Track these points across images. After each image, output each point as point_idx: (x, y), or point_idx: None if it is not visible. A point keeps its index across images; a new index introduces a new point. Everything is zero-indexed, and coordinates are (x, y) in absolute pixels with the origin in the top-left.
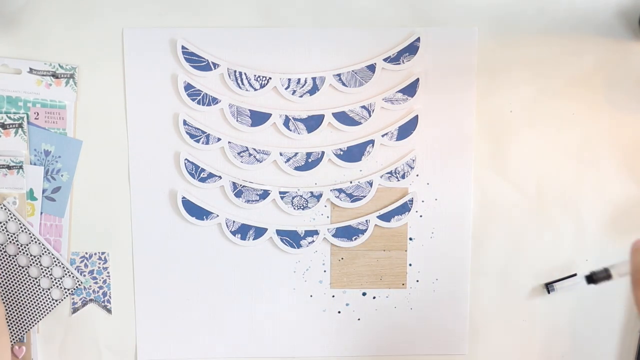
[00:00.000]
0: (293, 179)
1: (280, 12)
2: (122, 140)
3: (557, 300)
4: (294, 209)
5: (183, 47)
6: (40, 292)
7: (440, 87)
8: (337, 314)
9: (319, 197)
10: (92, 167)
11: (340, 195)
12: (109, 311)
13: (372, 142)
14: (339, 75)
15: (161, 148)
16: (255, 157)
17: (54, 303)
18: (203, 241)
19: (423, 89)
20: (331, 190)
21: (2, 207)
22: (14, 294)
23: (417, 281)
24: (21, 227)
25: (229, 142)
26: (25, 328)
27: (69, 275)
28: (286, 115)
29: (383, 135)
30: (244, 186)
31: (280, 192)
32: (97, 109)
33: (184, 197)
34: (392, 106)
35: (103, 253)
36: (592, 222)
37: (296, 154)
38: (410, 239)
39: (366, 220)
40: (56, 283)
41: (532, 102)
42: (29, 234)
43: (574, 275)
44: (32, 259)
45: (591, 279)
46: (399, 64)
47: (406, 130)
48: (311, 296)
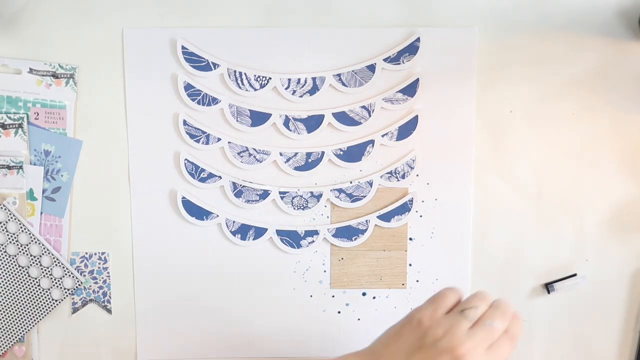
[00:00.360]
0: (293, 179)
1: (280, 12)
2: (122, 140)
3: (557, 300)
4: (294, 209)
5: (183, 47)
6: (40, 292)
7: (440, 87)
8: (337, 314)
9: (319, 197)
10: (92, 167)
11: (340, 195)
12: (109, 311)
13: (372, 142)
14: (339, 75)
15: (161, 148)
16: (255, 157)
17: (54, 303)
18: (203, 241)
19: (423, 89)
20: (331, 190)
21: (2, 207)
22: (14, 294)
23: (417, 281)
24: (21, 227)
25: (229, 142)
26: (25, 328)
27: (69, 276)
28: (286, 115)
29: (383, 135)
30: (244, 186)
31: (280, 192)
32: (97, 109)
33: (184, 197)
34: (392, 106)
35: (103, 253)
36: (592, 222)
37: (296, 154)
38: (410, 239)
39: (366, 220)
40: (56, 283)
41: (532, 102)
42: (29, 234)
43: (574, 275)
44: (32, 259)
45: None
46: (399, 64)
47: (406, 130)
48: (311, 296)
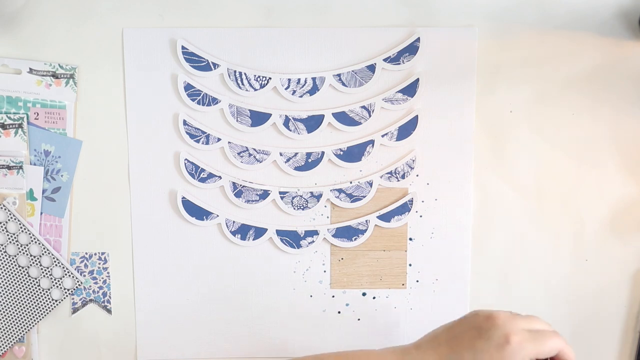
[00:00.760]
0: (293, 179)
1: (280, 12)
2: (122, 140)
3: (557, 300)
4: (294, 209)
5: (183, 47)
6: (40, 292)
7: (440, 87)
8: (337, 314)
9: (319, 197)
10: (92, 167)
11: (340, 196)
12: (109, 311)
13: (372, 142)
14: (339, 75)
15: (161, 148)
16: (255, 157)
17: (54, 303)
18: (203, 241)
19: (423, 89)
20: (331, 190)
21: (2, 207)
22: (14, 294)
23: (417, 281)
24: (21, 227)
25: (229, 142)
26: (25, 328)
27: (69, 276)
28: (286, 115)
29: (383, 136)
30: (244, 186)
31: (280, 192)
32: (97, 109)
33: (184, 197)
34: (392, 106)
35: (103, 253)
36: (592, 222)
37: (296, 154)
38: (410, 239)
39: (366, 221)
40: (56, 283)
41: (532, 102)
42: (29, 234)
43: None
44: (32, 259)
45: None
46: (399, 64)
47: (406, 130)
48: (311, 296)
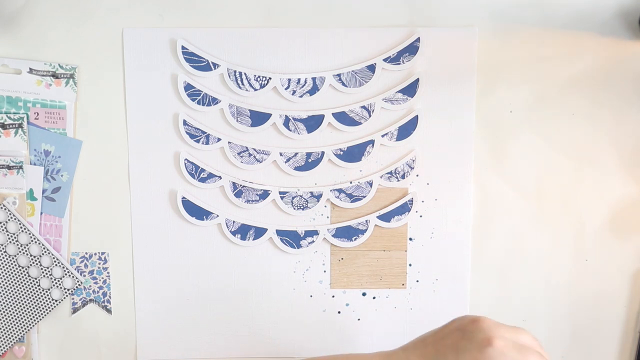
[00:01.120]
0: (293, 179)
1: (280, 12)
2: (122, 140)
3: (557, 300)
4: (294, 209)
5: (183, 47)
6: (40, 292)
7: (440, 87)
8: (337, 314)
9: (319, 197)
10: (92, 167)
11: (340, 196)
12: (109, 311)
13: (372, 142)
14: (339, 75)
15: (161, 148)
16: (255, 157)
17: (54, 303)
18: (203, 241)
19: (423, 89)
20: (331, 190)
21: (2, 207)
22: (14, 294)
23: (417, 281)
24: (21, 227)
25: (229, 142)
26: (25, 328)
27: (69, 276)
28: (286, 115)
29: (383, 136)
30: (244, 186)
31: (280, 192)
32: (97, 109)
33: (184, 197)
34: (392, 106)
35: (103, 253)
36: (592, 222)
37: (296, 154)
38: (410, 239)
39: (366, 221)
40: (56, 283)
41: (532, 102)
42: (29, 234)
43: None
44: (32, 259)
45: None
46: (399, 64)
47: (406, 130)
48: (311, 296)
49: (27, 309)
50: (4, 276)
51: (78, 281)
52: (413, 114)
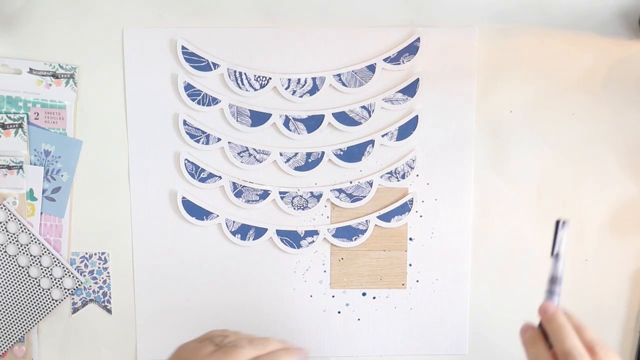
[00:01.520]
0: (293, 179)
1: (280, 12)
2: (122, 140)
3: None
4: (294, 209)
5: (183, 47)
6: (40, 292)
7: (440, 87)
8: (337, 314)
9: (319, 197)
10: (92, 167)
11: (340, 196)
12: (109, 311)
13: (372, 142)
14: (339, 75)
15: (161, 148)
16: (255, 157)
17: (54, 303)
18: (203, 241)
19: (423, 89)
20: (331, 190)
21: (2, 207)
22: (14, 294)
23: (417, 281)
24: (21, 227)
25: (229, 142)
26: (25, 328)
27: (69, 276)
28: (286, 116)
29: (383, 135)
30: (244, 186)
31: (280, 192)
32: (97, 109)
33: (184, 197)
34: (392, 106)
35: (103, 253)
36: (592, 222)
37: (296, 154)
38: (410, 239)
39: (366, 221)
40: (56, 283)
41: (532, 102)
42: (29, 234)
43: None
44: (32, 259)
45: None
46: (399, 64)
47: (406, 130)
48: (311, 296)
49: (27, 309)
50: (4, 276)
51: (78, 281)
52: (413, 114)
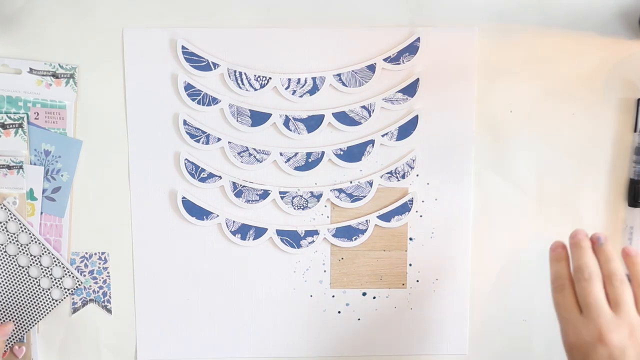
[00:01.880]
0: (293, 179)
1: (280, 12)
2: (122, 140)
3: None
4: (294, 209)
5: (183, 47)
6: (40, 292)
7: (440, 87)
8: (337, 314)
9: (319, 197)
10: (92, 167)
11: (340, 195)
12: (109, 311)
13: (372, 142)
14: (339, 75)
15: (161, 148)
16: (255, 157)
17: (54, 303)
18: (203, 241)
19: (423, 89)
20: (331, 190)
21: (2, 207)
22: (14, 294)
23: (417, 281)
24: (21, 227)
25: (229, 142)
26: (25, 328)
27: (69, 275)
28: (286, 115)
29: (383, 135)
30: (244, 186)
31: (280, 192)
32: (97, 109)
33: (184, 197)
34: (392, 106)
35: (103, 253)
36: (592, 222)
37: (296, 154)
38: (410, 239)
39: (366, 220)
40: (56, 283)
41: (532, 102)
42: (29, 234)
43: None
44: (32, 259)
45: None
46: (399, 64)
47: (406, 130)
48: (311, 296)
49: (27, 309)
50: (4, 276)
51: (78, 281)
52: (413, 114)
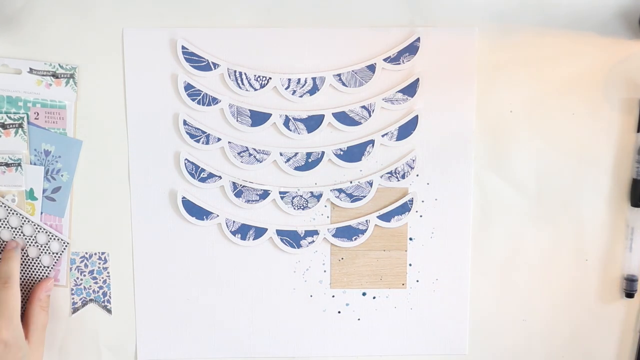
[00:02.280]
0: (293, 179)
1: (280, 12)
2: (122, 140)
3: (556, 300)
4: (294, 209)
5: (183, 47)
6: (31, 262)
7: (440, 87)
8: (337, 314)
9: (319, 197)
10: (92, 167)
11: (340, 195)
12: (109, 311)
13: (372, 142)
14: (339, 75)
15: (161, 148)
16: (255, 157)
17: (46, 270)
18: (203, 241)
19: (423, 89)
20: (331, 190)
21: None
22: None
23: (417, 281)
24: (6, 209)
25: (229, 142)
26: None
27: (55, 239)
28: (286, 115)
29: (383, 135)
30: (244, 186)
31: (280, 192)
32: (97, 109)
33: (184, 197)
34: (392, 106)
35: (103, 253)
36: (592, 222)
37: (296, 154)
38: (410, 239)
39: (366, 220)
40: (43, 249)
41: (532, 102)
42: (4, 206)
43: None
44: (14, 231)
45: None
46: (399, 64)
47: (406, 130)
48: (311, 296)
49: (23, 282)
50: None
51: (64, 243)
52: (413, 114)
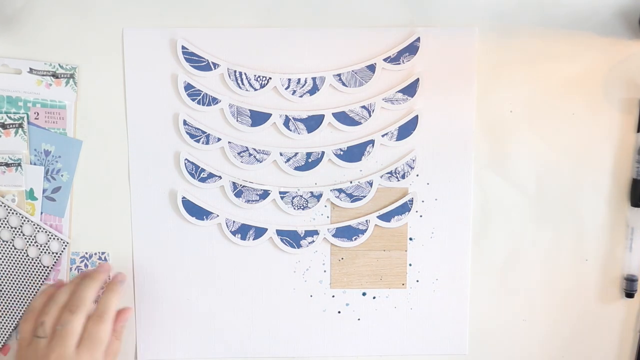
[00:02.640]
0: (293, 179)
1: (280, 12)
2: (122, 140)
3: (556, 300)
4: (294, 209)
5: (183, 47)
6: (30, 263)
7: (440, 87)
8: (337, 314)
9: (319, 197)
10: (92, 167)
11: (340, 195)
12: None
13: (372, 142)
14: (339, 75)
15: (161, 148)
16: (255, 157)
17: (46, 270)
18: (203, 241)
19: (423, 89)
20: (331, 190)
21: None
22: (5, 271)
23: (417, 281)
24: (9, 211)
25: (229, 142)
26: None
27: (54, 238)
28: (286, 115)
29: (383, 135)
30: (244, 186)
31: (280, 192)
32: (97, 109)
33: (184, 197)
34: (392, 106)
35: (103, 253)
36: (592, 222)
37: (296, 154)
38: (410, 239)
39: (366, 220)
40: (43, 249)
41: (532, 102)
42: (5, 206)
43: None
44: (14, 231)
45: None
46: (399, 64)
47: (406, 130)
48: (311, 296)
49: (23, 283)
50: None
51: (64, 242)
52: (413, 114)
